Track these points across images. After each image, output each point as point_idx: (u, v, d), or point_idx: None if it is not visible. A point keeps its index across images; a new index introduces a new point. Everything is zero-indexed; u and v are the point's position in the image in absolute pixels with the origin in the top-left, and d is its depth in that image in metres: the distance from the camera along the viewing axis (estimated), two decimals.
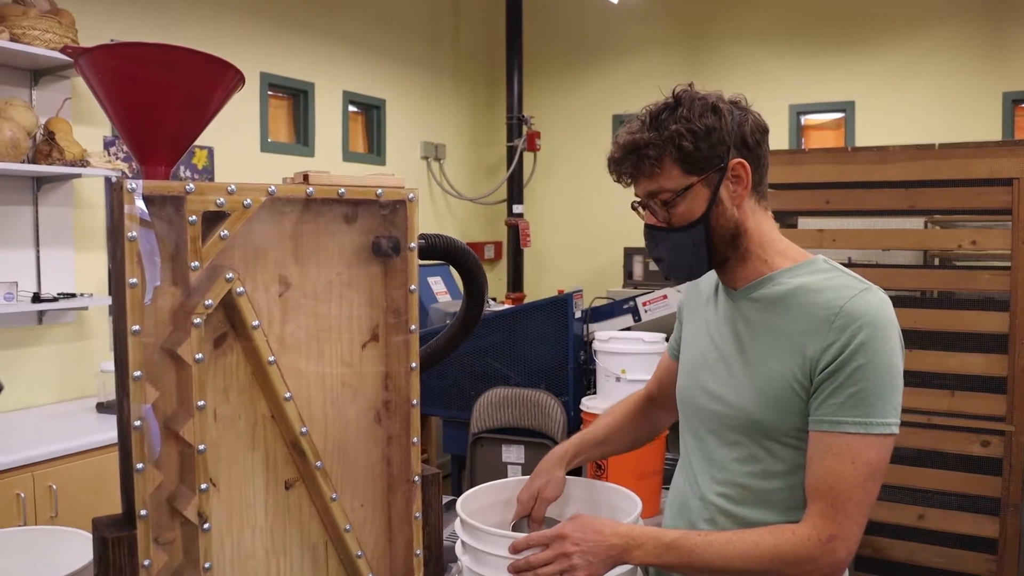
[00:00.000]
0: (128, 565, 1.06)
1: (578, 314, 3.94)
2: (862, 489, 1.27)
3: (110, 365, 3.50)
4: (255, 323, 1.14)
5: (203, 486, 1.10)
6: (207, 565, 1.11)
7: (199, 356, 1.09)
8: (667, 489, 1.68)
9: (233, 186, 1.11)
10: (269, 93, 4.89)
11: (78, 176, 3.59)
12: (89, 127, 3.83)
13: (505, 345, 4.05)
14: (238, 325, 1.16)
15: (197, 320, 1.09)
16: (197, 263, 1.09)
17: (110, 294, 3.84)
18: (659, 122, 1.35)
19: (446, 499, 1.94)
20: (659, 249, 1.42)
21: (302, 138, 5.15)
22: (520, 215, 6.39)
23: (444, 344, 1.47)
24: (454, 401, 4.13)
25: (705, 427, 1.46)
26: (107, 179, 3.81)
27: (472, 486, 4.00)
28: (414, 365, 1.28)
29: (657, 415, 1.73)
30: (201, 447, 1.10)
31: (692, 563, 1.30)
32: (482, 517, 1.46)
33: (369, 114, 5.78)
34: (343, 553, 1.28)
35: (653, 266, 4.73)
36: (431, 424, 5.77)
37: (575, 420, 3.84)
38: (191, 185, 1.07)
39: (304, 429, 1.19)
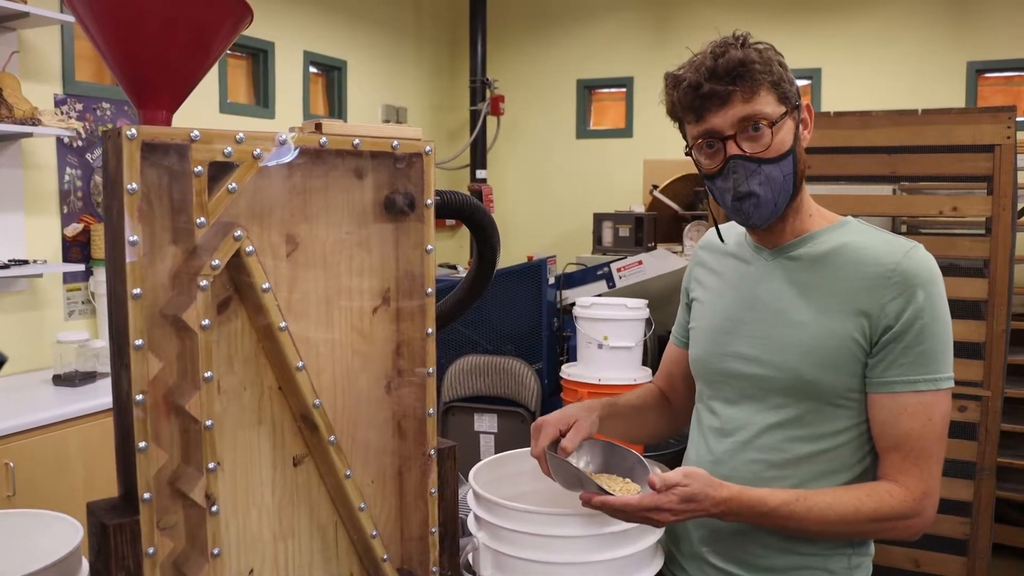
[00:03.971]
0: (131, 554, 0.96)
1: (551, 280, 3.87)
2: (940, 444, 1.29)
3: (67, 335, 3.34)
4: (265, 286, 1.04)
5: (211, 465, 1.01)
6: (216, 551, 1.02)
7: (205, 323, 0.99)
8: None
9: (241, 134, 1.00)
10: (228, 52, 4.69)
11: (28, 136, 3.40)
12: (39, 84, 3.62)
13: (475, 312, 3.96)
14: (244, 288, 1.06)
15: (203, 282, 0.99)
16: (203, 219, 0.98)
17: (65, 260, 3.67)
18: (749, 45, 1.27)
19: None
20: (749, 183, 1.29)
21: (262, 99, 4.97)
22: (483, 180, 6.28)
23: (454, 305, 1.38)
24: None
25: (739, 392, 1.40)
26: (59, 139, 3.62)
27: None
28: (430, 331, 1.19)
29: (676, 413, 1.65)
30: (208, 422, 1.00)
31: (789, 527, 1.29)
32: (495, 490, 1.38)
33: (330, 76, 5.60)
34: (356, 533, 1.19)
35: (623, 232, 4.66)
36: None
37: (549, 388, 3.78)
38: (196, 132, 0.97)
39: (317, 401, 1.10)
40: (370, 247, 1.19)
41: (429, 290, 1.18)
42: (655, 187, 4.97)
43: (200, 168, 0.97)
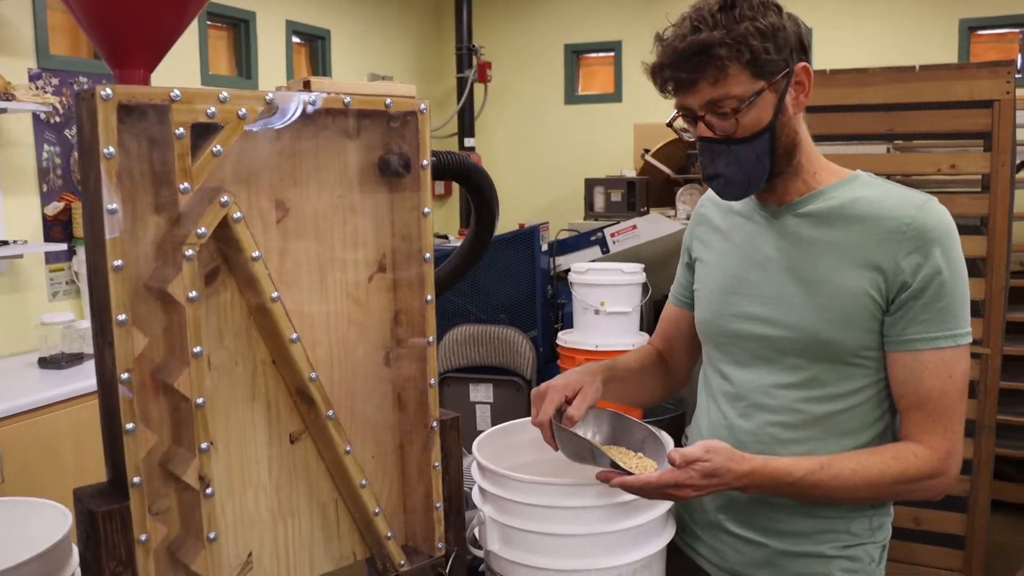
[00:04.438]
0: (122, 541, 0.91)
1: (544, 247, 3.82)
2: (961, 401, 1.26)
3: (51, 317, 3.27)
4: (255, 254, 0.99)
5: (203, 445, 0.96)
6: (212, 535, 0.97)
7: (193, 294, 0.93)
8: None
9: (225, 93, 0.94)
10: (208, 23, 4.58)
11: (2, 112, 3.30)
12: (11, 58, 3.52)
13: (467, 281, 3.91)
14: (233, 258, 1.00)
15: (189, 252, 0.93)
16: (187, 184, 0.92)
17: (46, 239, 3.59)
18: (721, 21, 1.20)
19: None
20: (716, 165, 1.27)
21: (244, 71, 4.86)
22: (472, 149, 6.20)
23: (452, 271, 1.33)
24: None
25: (751, 354, 1.35)
26: (35, 115, 3.52)
27: None
28: (429, 298, 1.14)
29: (674, 375, 1.60)
30: (199, 400, 0.95)
31: (814, 495, 1.26)
32: (499, 461, 1.34)
33: (313, 45, 5.49)
34: (358, 511, 1.14)
35: (615, 197, 4.60)
36: None
37: (545, 356, 3.74)
38: (176, 91, 0.90)
39: (314, 375, 1.05)
40: (364, 212, 1.13)
41: (427, 255, 1.13)
42: (646, 151, 4.91)
43: (182, 130, 0.91)
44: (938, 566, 2.99)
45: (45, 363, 3.19)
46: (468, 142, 6.15)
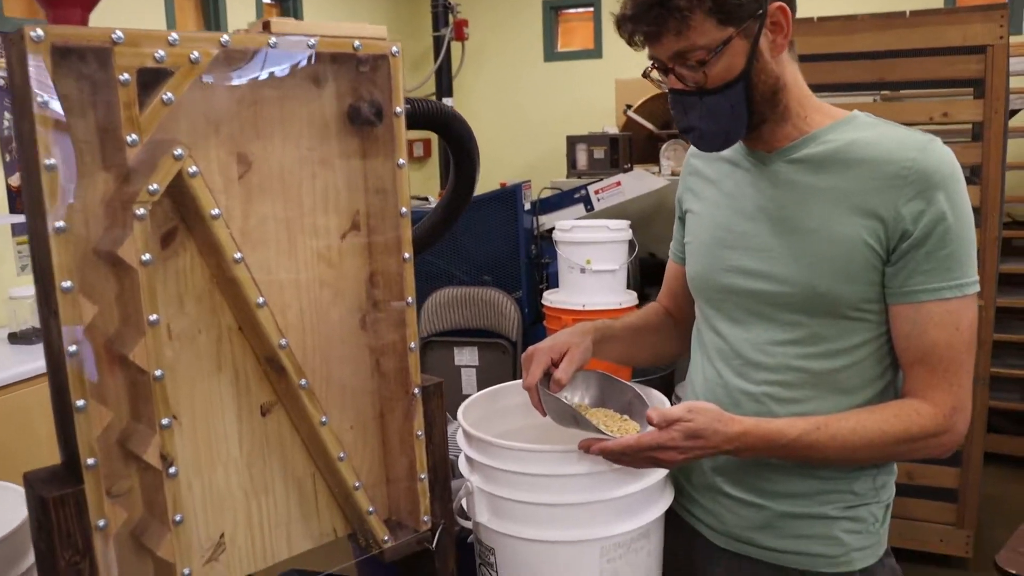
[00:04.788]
0: (77, 528, 0.84)
1: (527, 206, 3.74)
2: (969, 354, 1.18)
3: (20, 291, 3.17)
4: (215, 212, 0.90)
5: (164, 421, 0.88)
6: (178, 518, 0.90)
7: (146, 257, 0.85)
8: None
9: (175, 35, 0.85)
10: None
11: None
12: None
13: (449, 242, 3.83)
14: (191, 216, 0.92)
15: (140, 211, 0.85)
16: (135, 136, 0.84)
17: (12, 211, 3.47)
18: None
19: None
20: (689, 118, 1.21)
21: (213, 30, 4.72)
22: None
23: (432, 227, 1.25)
24: None
25: (745, 310, 1.28)
26: None
27: None
28: (407, 256, 1.06)
29: (684, 331, 1.50)
30: (158, 373, 0.87)
31: (811, 456, 1.19)
32: (486, 427, 1.27)
33: (284, 5, 5.34)
34: (337, 485, 1.07)
35: (598, 154, 4.51)
36: None
37: (530, 317, 3.68)
38: (119, 32, 0.82)
39: (283, 341, 0.97)
40: (334, 165, 1.05)
41: (403, 210, 1.05)
42: (629, 107, 4.81)
43: (127, 76, 0.82)
44: (932, 520, 2.97)
45: (15, 338, 3.09)
46: (447, 102, 6.02)
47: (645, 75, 1.25)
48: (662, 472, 1.23)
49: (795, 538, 1.26)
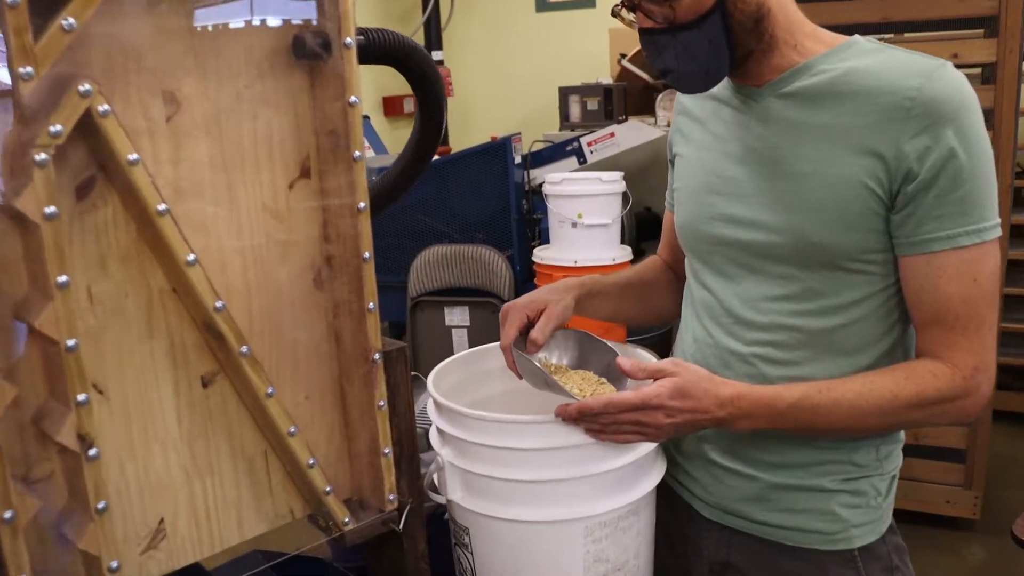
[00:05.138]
0: None
1: (517, 160, 3.60)
2: (990, 308, 1.06)
3: None
4: (132, 157, 0.79)
5: (81, 397, 0.77)
6: (100, 505, 0.79)
7: (50, 210, 0.74)
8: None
9: None
10: None
11: None
12: None
13: (436, 199, 3.70)
14: (109, 163, 0.80)
15: (41, 156, 0.73)
16: (29, 69, 0.71)
17: None
18: None
19: None
20: (664, 58, 1.09)
21: None
22: (440, 63, 5.89)
23: (396, 177, 1.14)
24: (387, 264, 3.79)
25: (733, 263, 1.17)
26: None
27: (415, 354, 3.72)
28: (362, 205, 0.94)
29: (682, 289, 1.37)
30: (70, 342, 0.76)
31: (814, 425, 1.07)
32: (461, 395, 1.17)
33: None
34: (290, 463, 0.97)
35: (592, 105, 4.36)
36: None
37: (522, 275, 3.57)
38: None
39: (219, 303, 0.86)
40: (279, 105, 0.93)
41: (357, 154, 0.93)
42: (623, 56, 4.64)
43: None
44: (938, 481, 2.88)
45: None
46: (436, 55, 5.84)
47: (614, 14, 1.12)
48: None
49: (788, 512, 1.16)
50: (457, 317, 3.58)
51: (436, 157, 4.23)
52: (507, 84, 6.22)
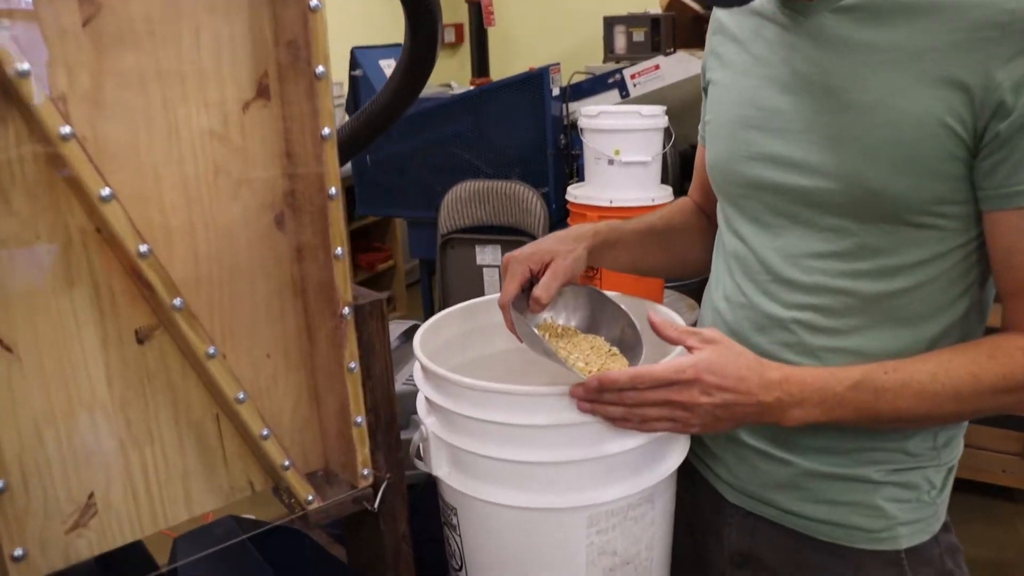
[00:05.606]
0: None
1: (556, 92, 3.41)
2: None
3: None
4: (21, 67, 0.64)
5: None
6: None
7: None
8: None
9: None
10: None
11: None
12: None
13: (472, 132, 3.53)
14: (3, 74, 0.66)
15: None
16: None
17: None
18: None
19: (406, 324, 1.48)
20: None
21: None
22: None
23: (384, 104, 0.98)
24: (418, 199, 3.65)
25: (773, 211, 0.99)
26: None
27: (445, 293, 3.59)
28: (326, 131, 0.79)
29: (713, 234, 1.20)
30: None
31: (877, 413, 0.89)
32: (457, 352, 1.02)
33: None
34: (243, 433, 0.84)
35: (638, 36, 4.12)
36: (396, 226, 5.34)
37: (557, 214, 3.40)
38: None
39: (143, 247, 0.72)
40: (228, 11, 0.77)
41: (320, 69, 0.77)
42: None
43: None
44: (994, 449, 2.70)
45: None
46: None
47: None
48: None
49: (825, 504, 1.00)
50: (488, 256, 3.44)
51: (471, 88, 4.04)
52: (550, 13, 5.98)
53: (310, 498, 0.86)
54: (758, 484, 1.04)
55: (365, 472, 0.89)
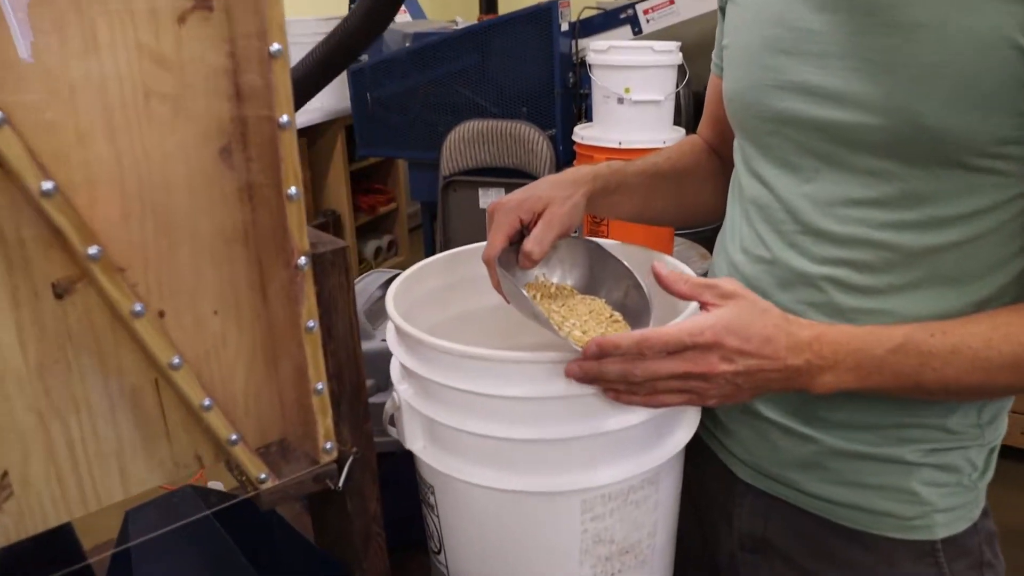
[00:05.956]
0: None
1: (564, 27, 3.24)
2: None
3: None
4: None
5: None
6: None
7: None
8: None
9: None
10: None
11: None
12: None
13: (476, 69, 3.38)
14: None
15: None
16: None
17: None
18: None
19: (389, 272, 1.36)
20: None
21: None
22: None
23: (357, 24, 0.85)
24: (420, 139, 3.51)
25: (803, 151, 0.86)
26: None
27: (446, 238, 3.46)
28: (276, 47, 0.66)
29: (730, 173, 1.05)
30: None
31: (922, 381, 0.76)
32: (440, 307, 0.90)
33: None
34: (184, 402, 0.72)
35: None
36: (397, 167, 5.20)
37: (565, 156, 3.26)
38: None
39: (47, 185, 0.60)
40: None
41: None
42: None
43: None
44: (1020, 411, 2.59)
45: None
46: None
47: None
48: None
49: (852, 487, 0.88)
50: (492, 199, 3.30)
51: (476, 22, 3.87)
52: None
53: (263, 476, 0.75)
54: (775, 462, 0.92)
55: (328, 446, 0.77)
